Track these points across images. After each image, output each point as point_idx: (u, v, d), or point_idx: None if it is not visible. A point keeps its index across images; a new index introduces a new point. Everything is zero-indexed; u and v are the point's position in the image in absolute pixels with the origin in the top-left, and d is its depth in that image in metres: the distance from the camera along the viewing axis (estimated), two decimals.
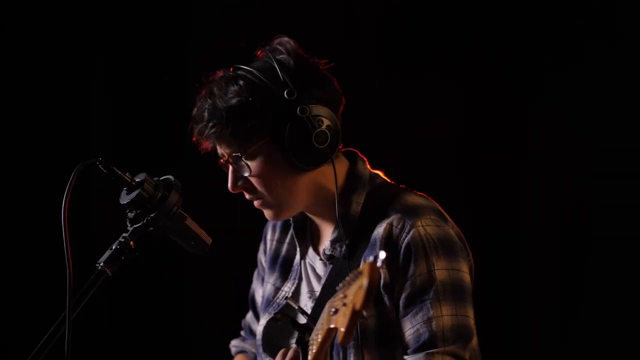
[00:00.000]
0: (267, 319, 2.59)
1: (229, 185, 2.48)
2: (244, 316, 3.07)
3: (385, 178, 2.58)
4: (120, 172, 2.17)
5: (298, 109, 2.35)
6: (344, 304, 1.96)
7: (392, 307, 2.40)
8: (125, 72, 4.22)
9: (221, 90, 2.39)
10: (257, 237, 4.36)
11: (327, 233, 2.54)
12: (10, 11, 4.10)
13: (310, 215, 2.59)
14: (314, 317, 2.44)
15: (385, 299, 2.40)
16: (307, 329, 2.41)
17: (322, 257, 2.53)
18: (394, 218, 2.42)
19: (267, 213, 2.52)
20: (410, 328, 2.38)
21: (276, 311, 2.57)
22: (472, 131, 3.91)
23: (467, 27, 3.90)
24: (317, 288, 2.55)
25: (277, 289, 2.64)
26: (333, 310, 2.00)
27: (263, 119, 2.36)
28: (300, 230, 2.63)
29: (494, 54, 3.87)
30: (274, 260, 2.70)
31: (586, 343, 3.74)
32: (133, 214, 2.20)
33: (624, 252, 3.71)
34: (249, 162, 2.42)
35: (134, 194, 2.17)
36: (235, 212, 4.28)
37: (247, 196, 2.50)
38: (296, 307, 2.44)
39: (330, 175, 2.45)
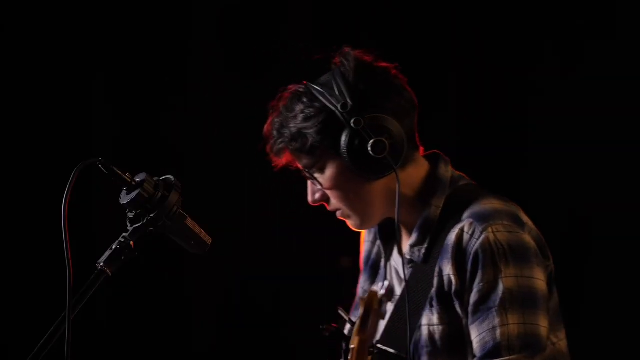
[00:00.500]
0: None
1: (308, 198, 2.54)
2: (244, 316, 3.08)
3: (469, 180, 2.57)
4: (120, 172, 2.17)
5: (352, 121, 2.38)
6: None
7: (464, 314, 2.40)
8: (126, 72, 4.22)
9: (287, 108, 2.47)
10: (259, 237, 4.36)
11: (408, 236, 2.55)
12: (11, 11, 4.10)
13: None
14: (391, 322, 2.49)
15: (457, 305, 2.41)
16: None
17: (404, 260, 2.54)
18: (465, 223, 2.42)
19: (349, 224, 2.56)
20: (477, 336, 2.38)
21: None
22: (471, 131, 3.91)
23: (466, 26, 3.90)
24: (399, 291, 2.56)
25: (365, 292, 2.68)
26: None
27: (324, 134, 2.42)
28: (386, 232, 2.64)
29: (494, 54, 3.87)
30: (366, 261, 2.74)
31: (586, 343, 3.74)
32: (133, 214, 2.20)
33: (624, 253, 3.71)
34: (319, 176, 2.48)
35: (134, 194, 2.17)
36: (236, 213, 4.29)
37: (328, 208, 2.55)
38: (346, 318, 2.46)
39: (406, 180, 2.47)
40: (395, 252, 2.60)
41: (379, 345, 2.43)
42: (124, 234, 2.18)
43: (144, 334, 4.32)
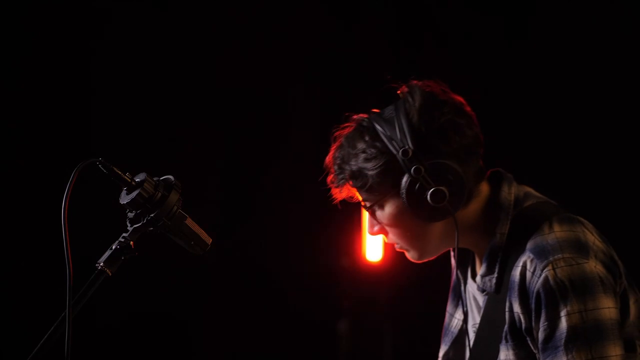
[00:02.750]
0: (444, 350, 2.64)
1: (367, 229, 2.56)
2: (244, 316, 3.07)
3: (537, 195, 2.54)
4: (120, 172, 2.17)
5: (413, 169, 2.39)
6: None
7: (536, 350, 2.40)
8: (125, 71, 4.23)
9: (349, 144, 2.48)
10: (259, 239, 4.36)
11: (480, 265, 2.55)
12: (10, 10, 4.11)
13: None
14: (473, 354, 2.50)
15: (529, 341, 2.41)
16: None
17: (478, 288, 2.55)
18: (527, 259, 2.40)
19: (408, 256, 2.56)
20: None
21: (451, 342, 2.62)
22: None
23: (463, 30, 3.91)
24: (478, 320, 2.56)
25: (451, 316, 2.68)
26: None
27: (384, 177, 2.44)
28: (462, 258, 2.63)
29: (494, 57, 3.88)
30: (453, 285, 2.74)
31: None
32: (133, 214, 2.20)
33: (624, 253, 3.71)
34: (379, 212, 2.49)
35: (134, 194, 2.17)
36: (235, 213, 4.29)
37: (386, 240, 2.56)
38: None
39: (466, 216, 2.48)
40: (470, 279, 2.61)
41: None
42: (124, 234, 2.18)
43: (144, 334, 4.33)
